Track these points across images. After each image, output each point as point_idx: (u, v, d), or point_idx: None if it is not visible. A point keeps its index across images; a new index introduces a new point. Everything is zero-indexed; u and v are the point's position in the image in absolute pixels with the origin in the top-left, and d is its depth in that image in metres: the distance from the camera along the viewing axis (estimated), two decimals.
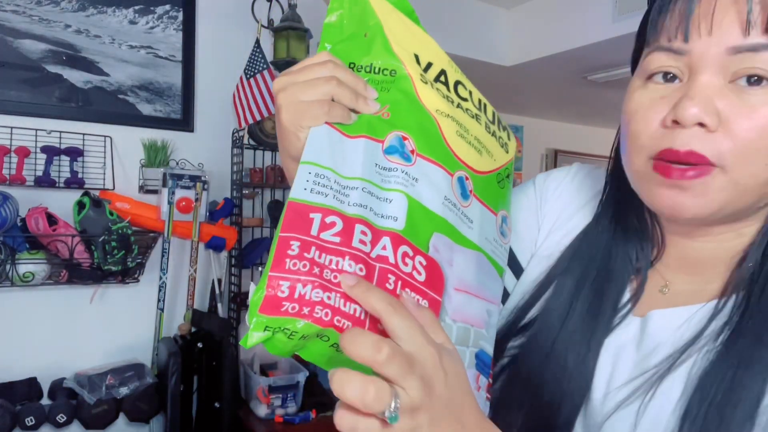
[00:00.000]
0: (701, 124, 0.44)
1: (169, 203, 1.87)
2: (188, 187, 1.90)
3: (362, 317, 0.41)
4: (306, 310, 0.40)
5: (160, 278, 1.92)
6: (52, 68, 1.83)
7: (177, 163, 1.99)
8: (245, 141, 2.08)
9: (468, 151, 0.52)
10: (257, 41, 1.99)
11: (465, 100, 0.55)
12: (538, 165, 4.80)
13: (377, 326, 0.40)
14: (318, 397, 1.91)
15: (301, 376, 1.85)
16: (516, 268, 0.64)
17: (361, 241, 0.43)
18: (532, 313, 0.59)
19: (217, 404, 1.80)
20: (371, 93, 0.49)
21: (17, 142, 1.73)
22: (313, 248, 0.41)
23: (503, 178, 0.57)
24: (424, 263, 0.45)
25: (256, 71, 1.97)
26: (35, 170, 1.77)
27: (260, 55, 1.97)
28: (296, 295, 0.40)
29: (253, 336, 0.40)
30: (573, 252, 0.59)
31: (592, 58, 2.79)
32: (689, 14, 0.44)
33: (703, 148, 0.44)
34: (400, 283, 0.43)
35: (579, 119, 4.76)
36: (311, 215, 0.42)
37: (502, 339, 0.59)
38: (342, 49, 0.51)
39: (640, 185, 0.49)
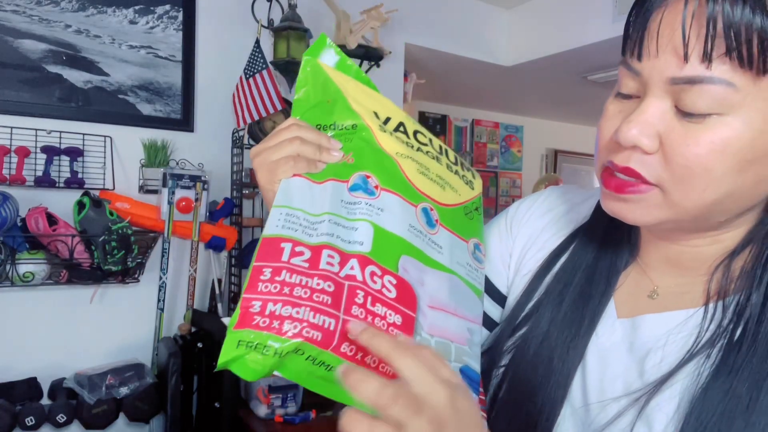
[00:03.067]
0: (639, 146, 0.44)
1: (169, 203, 1.87)
2: (188, 187, 1.90)
3: (331, 328, 0.43)
4: (276, 324, 0.42)
5: (160, 278, 1.92)
6: (52, 68, 1.83)
7: (177, 163, 1.99)
8: (245, 141, 2.08)
9: (431, 186, 0.58)
10: (257, 41, 1.99)
11: (425, 144, 0.62)
12: (538, 165, 4.80)
13: (346, 338, 0.44)
14: (318, 397, 1.91)
15: None
16: (496, 296, 0.65)
17: (329, 263, 0.47)
18: (522, 318, 0.59)
19: (217, 404, 1.80)
20: (335, 144, 0.56)
21: (17, 142, 1.73)
22: (284, 271, 0.45)
23: (471, 211, 0.63)
24: (394, 282, 0.48)
25: (255, 71, 1.97)
26: (35, 170, 1.77)
27: (260, 55, 1.97)
28: (267, 312, 0.43)
29: (226, 353, 0.42)
30: (555, 257, 0.60)
31: (592, 58, 2.79)
32: (643, 33, 0.44)
33: (640, 168, 0.45)
34: (369, 298, 0.46)
35: (579, 119, 4.76)
36: (282, 245, 0.47)
37: (496, 345, 0.60)
38: (310, 116, 0.60)
39: (600, 190, 0.51)
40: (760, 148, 0.42)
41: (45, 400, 1.78)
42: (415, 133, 0.62)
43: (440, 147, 0.64)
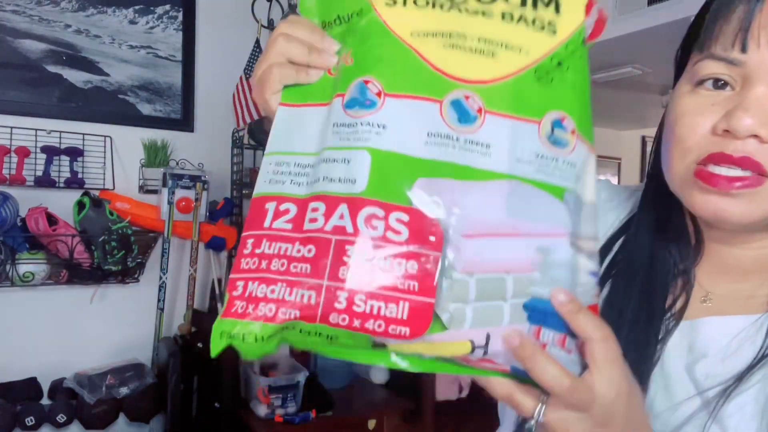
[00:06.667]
0: (755, 136, 0.43)
1: (169, 203, 1.87)
2: (188, 187, 1.90)
3: (312, 302, 0.38)
4: (251, 308, 0.39)
5: (160, 278, 1.92)
6: (52, 68, 1.82)
7: (177, 163, 1.99)
8: (245, 141, 2.08)
9: (469, 62, 0.43)
10: (257, 41, 1.99)
11: None
12: None
13: (334, 306, 0.37)
14: (318, 397, 1.91)
15: (301, 376, 1.85)
16: None
17: (312, 220, 0.40)
18: None
19: (217, 404, 1.80)
20: (329, 44, 0.45)
21: (17, 142, 1.73)
22: (264, 241, 0.41)
23: (551, 69, 0.46)
24: (406, 219, 0.39)
25: None
26: (35, 170, 1.77)
27: (260, 55, 1.97)
28: (246, 294, 0.40)
29: (214, 347, 0.40)
30: (613, 259, 0.57)
31: (592, 58, 2.75)
32: (749, 23, 0.43)
33: (761, 157, 0.43)
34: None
35: None
36: (266, 206, 0.42)
37: None
38: (316, 11, 0.48)
39: (681, 190, 0.48)
40: None
41: (45, 400, 1.78)
42: None
43: None
